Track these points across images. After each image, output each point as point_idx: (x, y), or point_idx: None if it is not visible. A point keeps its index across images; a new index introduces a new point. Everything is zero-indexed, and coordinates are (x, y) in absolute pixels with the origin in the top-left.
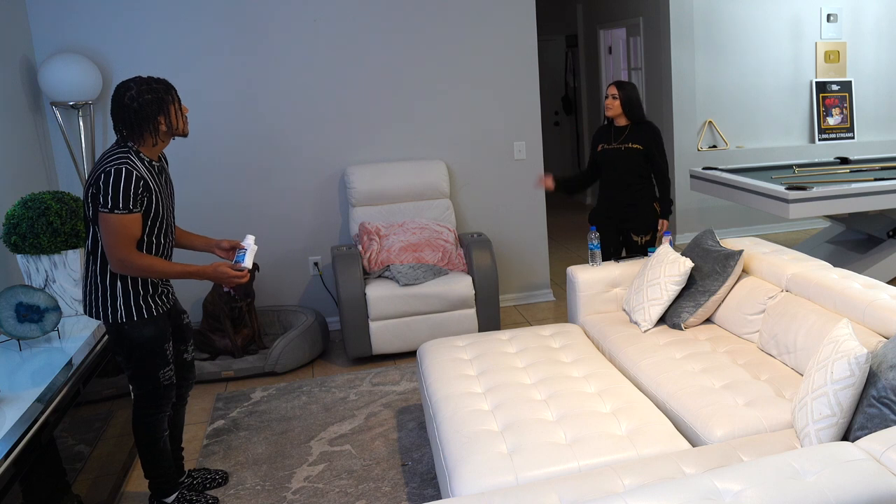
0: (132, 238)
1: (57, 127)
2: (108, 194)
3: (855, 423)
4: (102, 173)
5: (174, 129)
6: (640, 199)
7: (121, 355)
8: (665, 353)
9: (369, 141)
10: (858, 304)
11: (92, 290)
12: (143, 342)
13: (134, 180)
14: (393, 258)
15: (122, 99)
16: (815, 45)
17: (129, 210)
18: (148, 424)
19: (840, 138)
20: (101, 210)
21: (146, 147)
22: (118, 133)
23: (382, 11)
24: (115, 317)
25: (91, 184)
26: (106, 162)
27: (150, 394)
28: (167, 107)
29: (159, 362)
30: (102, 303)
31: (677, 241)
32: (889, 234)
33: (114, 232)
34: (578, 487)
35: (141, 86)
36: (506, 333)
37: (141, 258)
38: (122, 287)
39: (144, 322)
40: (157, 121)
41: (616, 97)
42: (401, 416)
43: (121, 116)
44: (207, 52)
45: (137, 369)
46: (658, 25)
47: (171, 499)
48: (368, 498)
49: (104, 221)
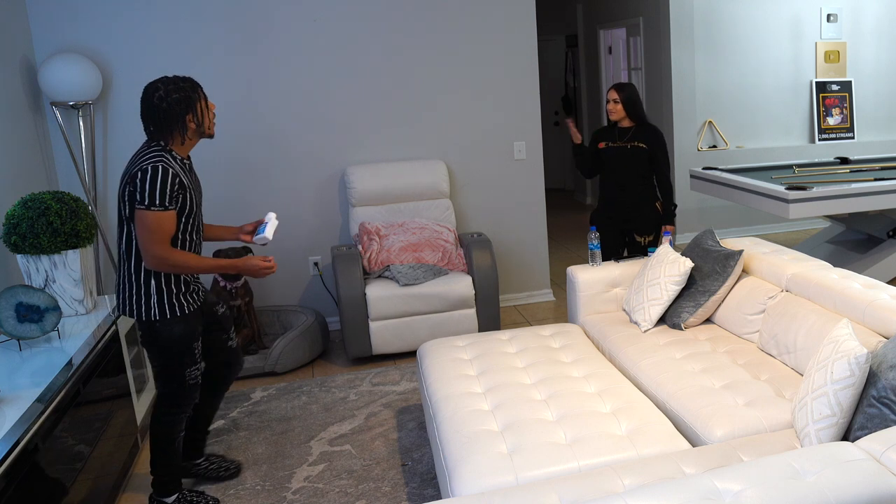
0: (168, 235)
1: (57, 127)
2: (146, 191)
3: (855, 423)
4: (139, 171)
5: (202, 127)
6: (643, 199)
7: (151, 352)
8: (665, 353)
9: (369, 141)
10: (858, 304)
11: (126, 288)
12: (174, 340)
13: (170, 178)
14: (393, 258)
15: (151, 99)
16: (815, 45)
17: (164, 207)
18: (167, 423)
19: (840, 138)
20: (138, 207)
21: (176, 145)
22: (148, 133)
23: (382, 12)
24: (149, 314)
25: (127, 182)
26: (141, 160)
27: (175, 393)
28: (195, 105)
29: (187, 361)
30: (136, 300)
31: (677, 241)
32: (889, 234)
33: (150, 229)
34: (578, 487)
35: (168, 85)
36: (506, 333)
37: (176, 254)
38: (156, 285)
39: (177, 320)
40: (185, 119)
41: (618, 101)
42: (401, 416)
43: (150, 116)
44: (207, 53)
45: (165, 367)
46: (658, 25)
47: (171, 499)
48: (368, 498)
49: (140, 218)
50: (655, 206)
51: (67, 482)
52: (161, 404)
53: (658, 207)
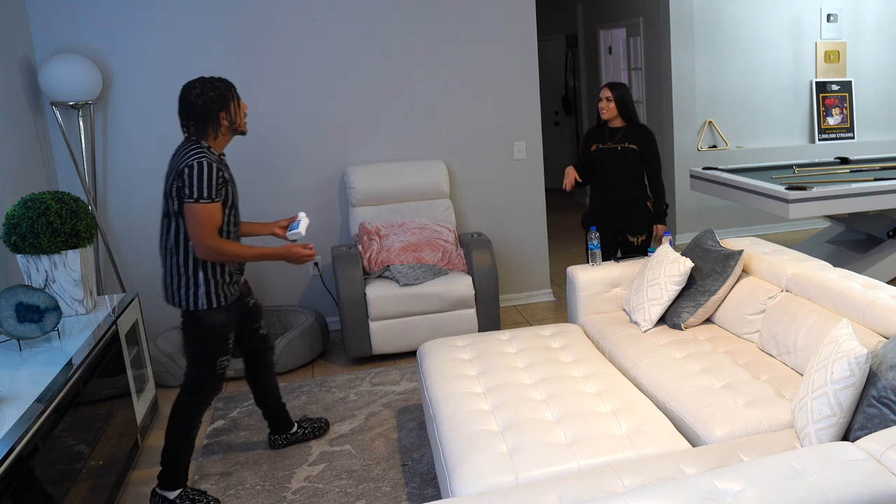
0: (216, 226)
1: (57, 127)
2: (194, 185)
3: (855, 423)
4: (186, 167)
5: (235, 124)
6: (634, 199)
7: (188, 339)
8: (665, 353)
9: (369, 141)
10: (858, 304)
11: (174, 279)
12: (214, 328)
13: (215, 171)
14: (393, 258)
15: (188, 97)
16: (815, 45)
17: (212, 199)
18: (189, 412)
19: (840, 138)
20: (188, 201)
21: (211, 141)
22: (185, 130)
23: (382, 12)
24: (196, 304)
25: (174, 179)
26: (186, 157)
27: (203, 381)
28: (228, 103)
29: (221, 349)
30: (185, 291)
31: (677, 241)
32: (889, 234)
33: (200, 220)
34: (578, 487)
35: (205, 84)
36: (506, 333)
37: (225, 244)
38: (204, 276)
39: (220, 309)
40: (219, 116)
41: (611, 99)
42: (401, 416)
43: (188, 113)
44: (208, 53)
45: (200, 354)
46: (658, 25)
47: (173, 494)
48: (368, 498)
49: (190, 211)
50: (647, 205)
51: (67, 482)
52: (187, 392)
53: (650, 207)
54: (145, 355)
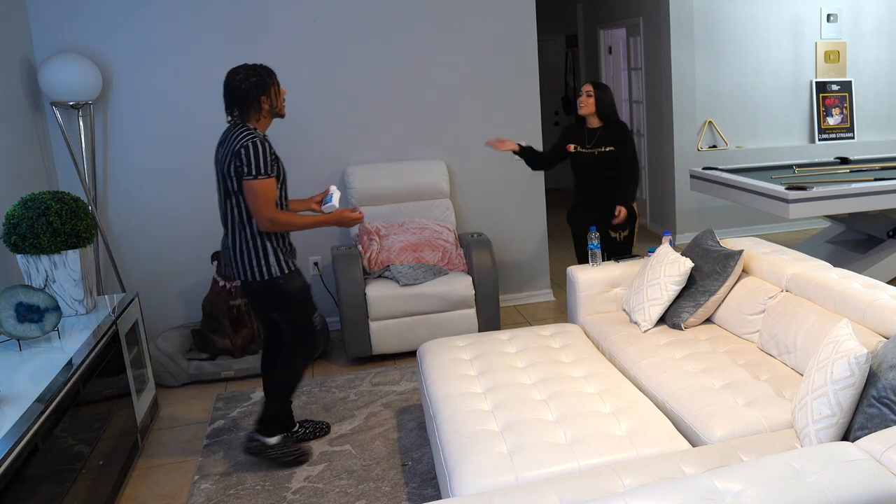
0: (273, 199)
1: (57, 127)
2: (251, 163)
3: (855, 423)
4: (242, 147)
5: (274, 108)
6: (614, 197)
7: (278, 310)
8: (665, 353)
9: (369, 141)
10: (858, 304)
11: (244, 255)
12: (298, 291)
13: (268, 149)
14: (393, 258)
15: (232, 82)
16: (815, 45)
17: (268, 175)
18: (298, 367)
19: (840, 138)
20: (247, 178)
21: (253, 122)
22: (230, 113)
23: (382, 12)
24: (270, 273)
25: (230, 160)
26: (238, 139)
27: (308, 339)
28: (269, 88)
29: (311, 308)
30: (257, 264)
31: (677, 241)
32: (889, 234)
33: (259, 195)
34: (578, 487)
35: (248, 70)
36: (506, 333)
37: (283, 215)
38: (272, 247)
39: (294, 274)
40: (260, 100)
41: (591, 95)
42: (401, 416)
43: (232, 97)
44: (208, 53)
45: (297, 317)
46: (658, 25)
47: (274, 439)
48: (368, 498)
49: (250, 188)
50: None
51: (67, 482)
52: (294, 353)
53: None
54: (145, 355)
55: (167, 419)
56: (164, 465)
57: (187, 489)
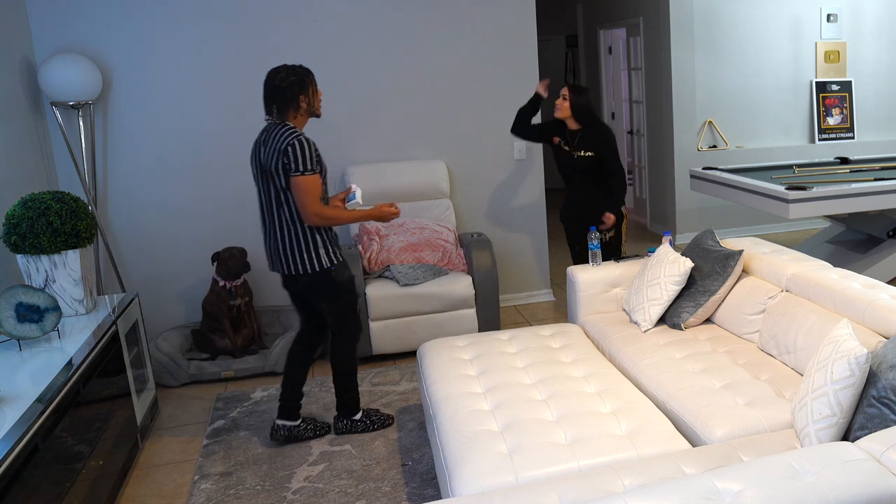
0: (319, 194)
1: (57, 127)
2: (298, 160)
3: (855, 423)
4: (289, 146)
5: (312, 107)
6: (599, 198)
7: (326, 300)
8: (665, 353)
9: (369, 141)
10: (858, 304)
11: (296, 248)
12: (346, 282)
13: (312, 146)
14: (393, 258)
15: (273, 81)
16: (815, 45)
17: (313, 171)
18: (349, 355)
19: (840, 138)
20: (294, 175)
21: (291, 121)
22: (270, 111)
23: (382, 11)
24: (322, 264)
25: (277, 158)
26: (283, 137)
27: (352, 329)
28: (307, 88)
29: (356, 297)
30: (308, 256)
31: (677, 241)
32: (889, 234)
33: (307, 190)
34: (578, 487)
35: (288, 70)
36: (506, 333)
37: (329, 209)
38: (321, 240)
39: (344, 266)
40: (298, 98)
41: (566, 98)
42: (401, 416)
43: (272, 96)
44: (207, 53)
45: (344, 307)
46: (658, 25)
47: (358, 416)
48: (368, 498)
49: (298, 184)
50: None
51: (67, 482)
52: (341, 345)
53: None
54: (145, 355)
55: (167, 419)
56: (164, 465)
57: (187, 489)
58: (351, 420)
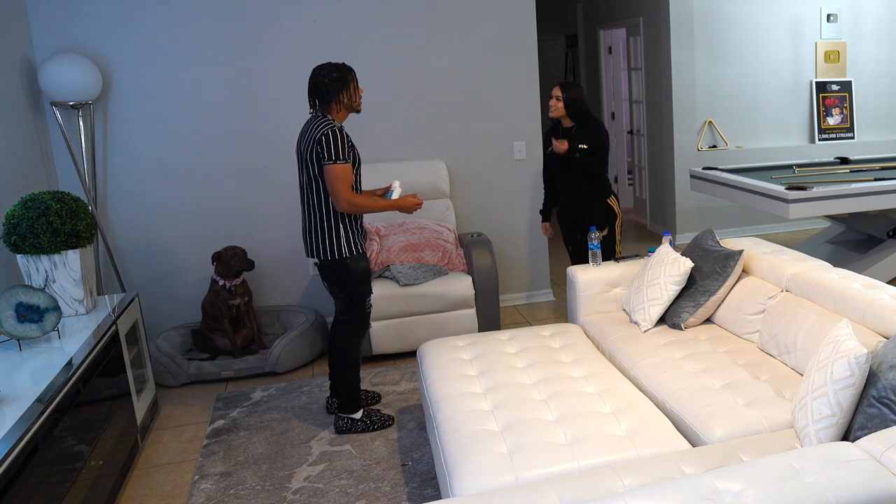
0: (350, 182)
1: (57, 127)
2: (331, 149)
3: (855, 423)
4: (322, 136)
5: (352, 102)
6: (593, 196)
7: (338, 286)
8: (665, 353)
9: (369, 141)
10: (858, 304)
11: (320, 234)
12: (360, 273)
13: (345, 136)
14: (393, 258)
15: (317, 76)
16: (815, 45)
17: (345, 160)
18: (352, 345)
19: (840, 138)
20: (327, 163)
21: (333, 115)
22: (313, 105)
23: (382, 12)
24: (341, 253)
25: (311, 147)
26: (319, 127)
27: (358, 319)
28: (348, 84)
29: (367, 291)
30: (330, 243)
31: (677, 241)
32: (889, 234)
33: (338, 178)
34: (578, 487)
35: (331, 67)
36: (506, 333)
37: (359, 198)
38: (345, 229)
39: (361, 256)
40: (340, 94)
41: (560, 98)
42: (401, 416)
43: (316, 90)
44: (208, 52)
45: (353, 297)
46: (658, 25)
47: (358, 414)
48: (368, 498)
49: (330, 172)
50: (607, 202)
51: (67, 482)
52: (348, 333)
53: (609, 203)
54: (145, 355)
55: (167, 419)
56: (163, 465)
57: (187, 489)
58: (350, 418)
